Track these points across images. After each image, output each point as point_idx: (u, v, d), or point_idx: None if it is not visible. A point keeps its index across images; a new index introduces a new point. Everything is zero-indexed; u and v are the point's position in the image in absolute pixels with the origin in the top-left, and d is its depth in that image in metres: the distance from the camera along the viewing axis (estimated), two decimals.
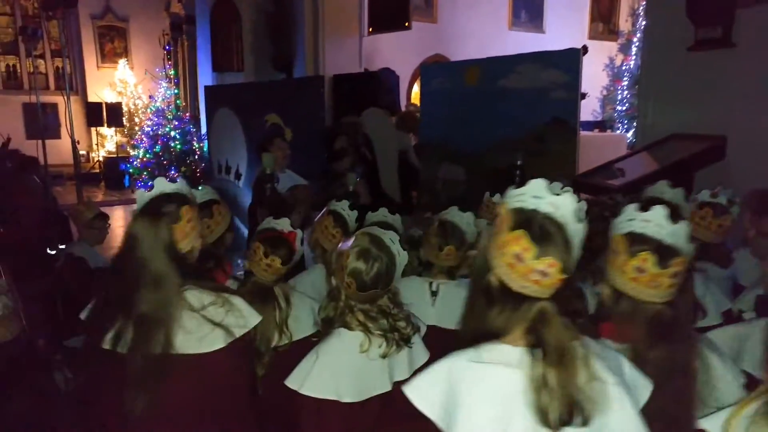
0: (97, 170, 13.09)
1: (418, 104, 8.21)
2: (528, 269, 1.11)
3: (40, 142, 7.51)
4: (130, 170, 11.07)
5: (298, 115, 6.11)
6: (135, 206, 1.68)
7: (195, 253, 1.67)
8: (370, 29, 9.50)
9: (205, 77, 10.48)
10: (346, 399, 1.63)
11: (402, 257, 1.72)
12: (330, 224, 2.58)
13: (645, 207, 1.40)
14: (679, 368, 1.35)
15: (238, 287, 2.13)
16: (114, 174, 11.90)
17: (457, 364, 1.18)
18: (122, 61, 13.82)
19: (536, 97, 5.36)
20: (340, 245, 1.75)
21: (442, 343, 1.40)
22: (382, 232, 1.74)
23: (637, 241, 1.36)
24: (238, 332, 1.58)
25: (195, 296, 1.58)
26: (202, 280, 1.65)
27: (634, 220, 1.39)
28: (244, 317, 1.61)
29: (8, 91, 13.61)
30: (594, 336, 1.47)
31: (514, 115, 5.61)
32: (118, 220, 9.60)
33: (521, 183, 1.19)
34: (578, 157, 5.11)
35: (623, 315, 1.40)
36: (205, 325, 1.55)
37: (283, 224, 2.22)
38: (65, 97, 6.37)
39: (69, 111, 6.65)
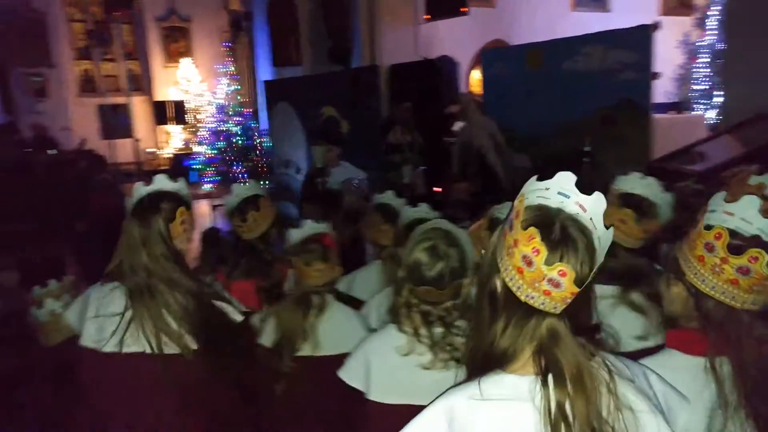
0: (165, 167, 13.55)
1: (478, 90, 8.02)
2: (538, 275, 0.93)
3: (112, 141, 7.79)
4: (196, 166, 11.39)
5: (354, 107, 6.06)
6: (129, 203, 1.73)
7: (183, 255, 1.72)
8: (427, 16, 9.36)
9: (265, 72, 10.62)
10: (372, 396, 1.56)
11: (471, 256, 1.57)
12: (378, 220, 2.50)
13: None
14: None
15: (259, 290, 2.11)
16: (181, 170, 12.28)
17: (456, 403, 1.00)
18: (185, 60, 14.21)
19: (604, 79, 5.11)
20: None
21: None
22: (456, 229, 1.60)
23: (745, 237, 1.15)
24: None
25: (177, 298, 1.63)
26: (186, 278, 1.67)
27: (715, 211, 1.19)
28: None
29: (85, 94, 14.28)
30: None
31: (581, 98, 5.38)
32: None
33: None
34: (652, 141, 4.80)
35: (712, 322, 1.20)
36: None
37: (318, 227, 2.13)
38: (129, 99, 6.53)
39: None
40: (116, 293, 1.65)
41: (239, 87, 11.84)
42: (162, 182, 1.70)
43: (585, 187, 0.98)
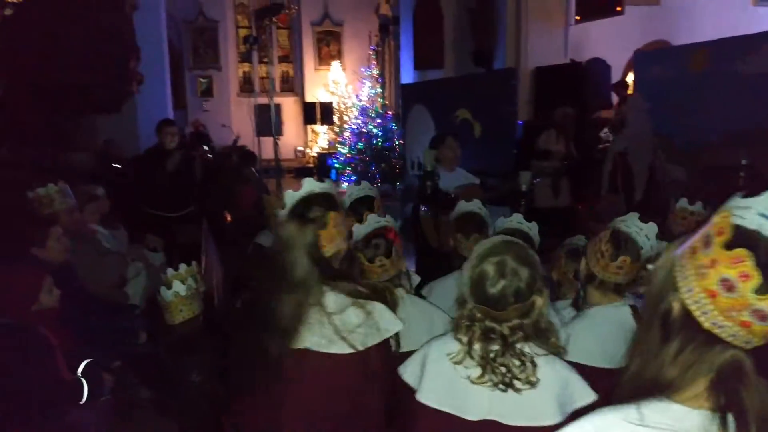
0: (311, 165, 14.33)
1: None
2: (739, 304, 0.79)
3: (260, 138, 8.41)
4: (336, 165, 11.91)
5: (489, 110, 5.93)
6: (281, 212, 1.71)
7: (340, 255, 1.69)
8: (578, 17, 8.92)
9: (407, 75, 10.79)
10: (421, 398, 1.52)
11: (540, 281, 1.48)
12: (453, 229, 2.44)
13: None
14: None
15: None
16: (323, 169, 12.92)
17: (609, 424, 0.90)
18: (335, 63, 14.91)
19: None
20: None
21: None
22: (530, 249, 1.50)
23: None
24: (371, 341, 1.57)
25: (334, 299, 1.59)
26: (343, 282, 1.64)
27: None
28: (379, 327, 1.58)
29: (243, 94, 15.58)
30: None
31: (751, 104, 4.77)
32: None
33: (748, 186, 0.86)
34: None
35: None
36: (342, 329, 1.56)
37: (382, 221, 2.10)
38: (270, 99, 6.99)
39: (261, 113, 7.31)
40: None
41: (381, 90, 12.16)
42: (311, 185, 1.68)
43: None
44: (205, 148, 8.22)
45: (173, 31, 12.62)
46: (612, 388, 0.99)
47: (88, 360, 2.60)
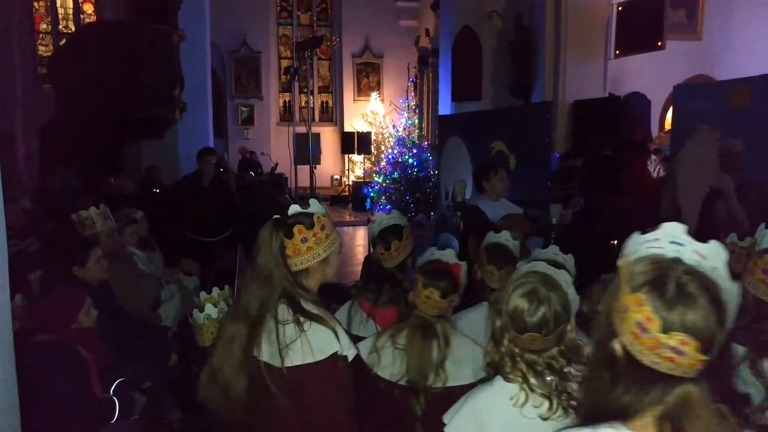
0: (347, 193, 14.47)
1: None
2: (655, 343, 0.83)
3: (298, 166, 8.58)
4: (371, 194, 12.00)
5: (524, 142, 5.93)
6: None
7: (312, 278, 1.73)
8: (617, 52, 8.90)
9: (445, 107, 10.88)
10: None
11: (575, 303, 1.47)
12: (485, 260, 2.39)
13: None
14: None
15: (402, 319, 2.08)
16: (359, 197, 13.02)
17: None
18: (374, 94, 15.15)
19: None
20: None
21: None
22: (555, 271, 1.50)
23: None
24: (308, 359, 1.61)
25: (281, 311, 1.65)
26: (302, 299, 1.68)
27: None
28: (312, 347, 1.61)
29: (283, 123, 15.94)
30: None
31: None
32: (359, 239, 10.48)
33: None
34: None
35: None
36: (282, 343, 1.62)
37: (448, 255, 2.10)
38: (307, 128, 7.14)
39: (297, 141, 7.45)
40: None
41: (419, 120, 12.28)
42: (316, 207, 1.75)
43: None
44: (252, 174, 8.41)
45: (217, 60, 13.09)
46: None
47: (120, 380, 2.66)
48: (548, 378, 1.46)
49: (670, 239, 0.87)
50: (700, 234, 0.91)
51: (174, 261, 4.54)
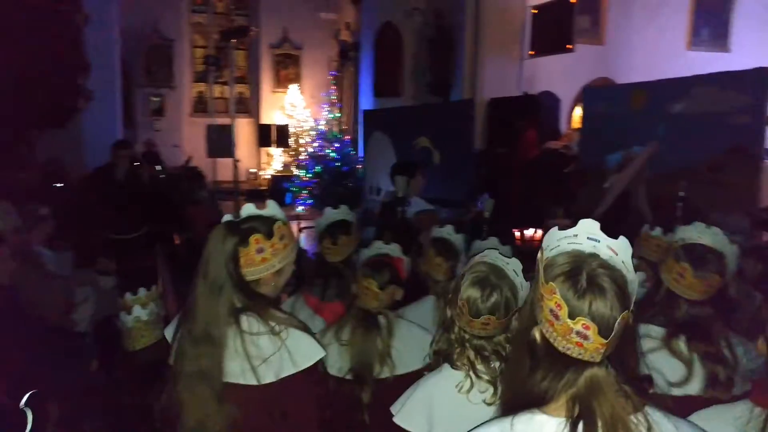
0: (264, 187, 14.19)
1: (579, 128, 7.82)
2: (566, 329, 0.93)
3: (215, 160, 8.30)
4: (292, 189, 11.85)
5: (448, 139, 6.09)
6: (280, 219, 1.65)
7: (264, 289, 1.60)
8: (531, 52, 9.30)
9: (366, 101, 10.92)
10: None
11: (525, 290, 1.54)
12: (432, 254, 2.46)
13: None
14: None
15: (346, 311, 2.08)
16: (278, 191, 12.80)
17: None
18: (293, 86, 14.92)
19: (712, 123, 4.83)
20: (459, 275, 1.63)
21: None
22: (504, 261, 1.57)
23: None
24: (288, 370, 1.49)
25: (249, 322, 1.52)
26: (265, 308, 1.56)
27: None
28: (293, 356, 1.50)
29: (196, 114, 15.34)
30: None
31: (685, 142, 5.10)
32: None
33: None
34: (762, 190, 4.45)
35: None
36: (255, 358, 1.48)
37: (393, 249, 2.13)
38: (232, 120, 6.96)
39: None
40: None
41: (340, 115, 12.24)
42: (274, 209, 1.64)
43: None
44: (157, 168, 8.03)
45: (126, 47, 12.39)
46: None
47: (33, 391, 2.47)
48: (494, 364, 1.52)
49: (587, 235, 0.96)
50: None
51: (87, 261, 4.27)
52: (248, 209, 1.61)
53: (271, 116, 14.79)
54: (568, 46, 8.55)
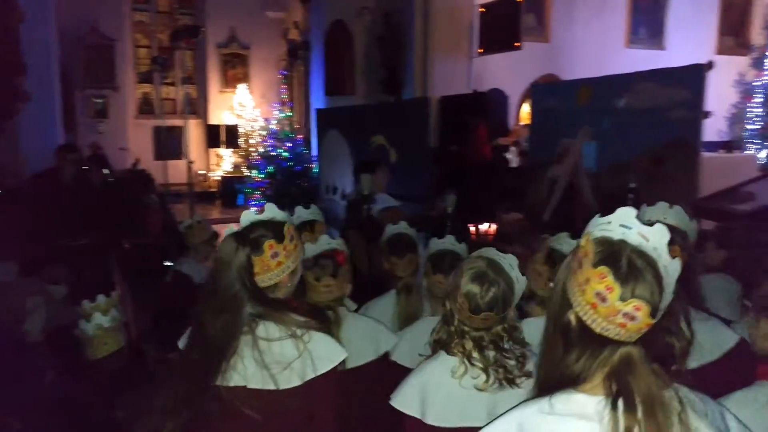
0: (214, 189, 13.93)
1: (528, 123, 8.03)
2: (612, 311, 0.97)
3: (165, 162, 8.10)
4: (244, 190, 11.68)
5: (404, 137, 6.14)
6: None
7: (280, 291, 1.62)
8: (480, 50, 9.48)
9: (318, 100, 10.88)
10: (429, 420, 1.57)
11: (521, 283, 1.62)
12: (385, 250, 2.51)
13: None
14: None
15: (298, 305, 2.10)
16: (229, 193, 12.60)
17: (526, 415, 1.06)
18: (242, 86, 14.69)
19: (653, 117, 5.03)
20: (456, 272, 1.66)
21: None
22: (501, 256, 1.64)
23: None
24: (310, 374, 1.51)
25: (267, 328, 1.52)
26: (279, 312, 1.56)
27: None
28: (316, 359, 1.51)
29: (142, 116, 14.90)
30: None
31: (629, 136, 5.30)
32: None
33: (635, 207, 1.04)
34: (700, 180, 4.69)
35: None
36: (275, 363, 1.48)
37: (334, 243, 2.16)
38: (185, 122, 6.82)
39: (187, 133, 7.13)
40: None
41: (291, 114, 12.15)
42: (272, 211, 1.63)
43: None
44: (105, 171, 7.78)
45: (64, 48, 11.92)
46: None
47: None
48: (489, 353, 1.59)
49: (620, 223, 1.00)
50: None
51: (35, 269, 4.10)
52: (248, 216, 1.60)
53: (219, 117, 14.54)
54: (516, 44, 8.73)
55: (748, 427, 1.08)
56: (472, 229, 6.56)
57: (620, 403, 0.98)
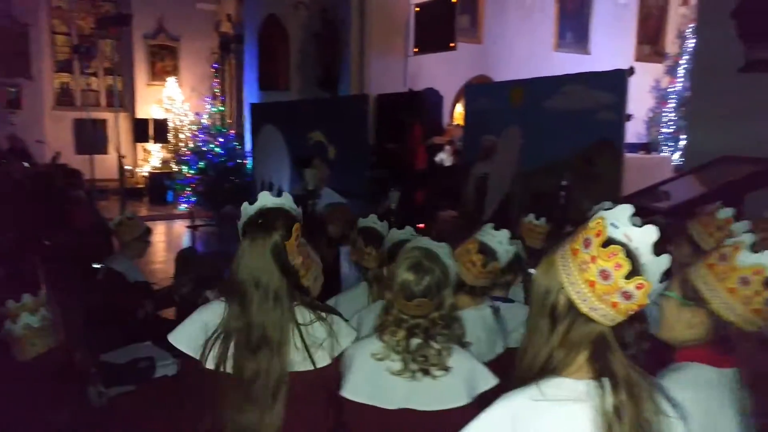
0: (142, 185, 13.41)
1: (461, 123, 8.19)
2: (612, 288, 1.02)
3: (88, 157, 7.73)
4: (174, 186, 11.31)
5: (343, 133, 6.13)
6: (240, 220, 1.68)
7: (305, 279, 1.74)
8: (416, 49, 9.59)
9: (251, 95, 10.68)
10: (344, 392, 1.63)
11: (453, 271, 1.68)
12: (361, 243, 2.55)
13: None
14: None
15: None
16: (158, 189, 12.16)
17: (518, 404, 1.09)
18: (171, 79, 14.17)
19: (582, 119, 5.26)
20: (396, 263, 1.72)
21: None
22: (435, 245, 1.70)
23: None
24: (337, 351, 1.64)
25: (301, 313, 1.62)
26: (304, 295, 1.68)
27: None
28: (339, 339, 1.64)
29: (60, 107, 14.11)
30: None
31: (559, 136, 5.51)
32: (160, 235, 9.77)
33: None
34: (623, 179, 4.97)
35: (727, 341, 1.36)
36: (312, 346, 1.59)
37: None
38: (115, 114, 6.53)
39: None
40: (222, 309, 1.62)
41: (224, 108, 11.87)
42: (266, 199, 1.67)
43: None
44: (26, 165, 7.33)
45: None
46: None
47: None
48: (415, 341, 1.63)
49: (611, 221, 1.06)
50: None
51: None
52: (265, 198, 1.65)
53: (147, 110, 13.98)
54: (450, 44, 8.89)
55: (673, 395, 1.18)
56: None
57: (606, 383, 1.03)
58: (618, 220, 1.05)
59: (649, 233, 1.04)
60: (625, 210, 1.06)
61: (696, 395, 1.29)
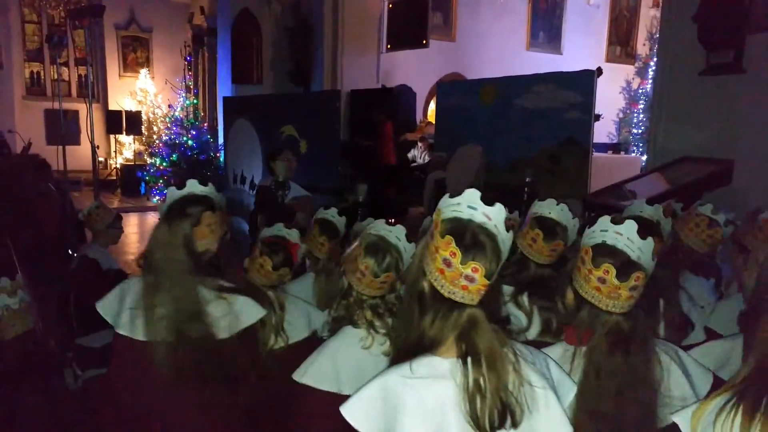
0: (114, 177, 13.25)
1: (434, 120, 8.32)
2: (456, 273, 1.13)
3: (59, 148, 7.63)
4: (147, 178, 11.22)
5: (314, 128, 6.19)
6: (162, 206, 1.81)
7: (208, 255, 1.80)
8: (389, 46, 9.67)
9: (224, 89, 10.64)
10: (347, 391, 1.65)
11: (409, 251, 1.76)
12: (316, 233, 2.62)
13: (619, 221, 1.43)
14: (637, 379, 1.38)
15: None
16: (130, 181, 12.04)
17: (390, 381, 1.18)
18: (143, 71, 14.04)
19: (551, 117, 5.41)
20: (352, 247, 1.81)
21: None
22: (387, 229, 1.79)
23: (603, 252, 1.40)
24: (238, 327, 1.75)
25: (204, 292, 1.74)
26: (210, 278, 1.77)
27: (606, 231, 1.43)
28: (239, 317, 1.76)
29: (31, 97, 13.87)
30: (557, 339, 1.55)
31: (529, 134, 5.65)
32: (132, 226, 9.71)
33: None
34: (591, 177, 5.13)
35: (583, 321, 1.44)
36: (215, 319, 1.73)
37: (292, 235, 2.24)
38: (87, 105, 6.49)
39: (90, 118, 6.78)
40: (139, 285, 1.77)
41: (197, 101, 11.80)
42: (193, 186, 1.80)
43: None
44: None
45: None
46: None
47: None
48: (388, 319, 1.74)
49: (468, 204, 1.18)
50: None
51: None
52: (192, 185, 1.79)
53: (120, 102, 13.81)
54: (423, 41, 8.99)
55: (563, 369, 1.30)
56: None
57: (469, 360, 1.14)
58: (474, 203, 1.17)
59: (502, 211, 1.17)
60: (475, 193, 1.17)
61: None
